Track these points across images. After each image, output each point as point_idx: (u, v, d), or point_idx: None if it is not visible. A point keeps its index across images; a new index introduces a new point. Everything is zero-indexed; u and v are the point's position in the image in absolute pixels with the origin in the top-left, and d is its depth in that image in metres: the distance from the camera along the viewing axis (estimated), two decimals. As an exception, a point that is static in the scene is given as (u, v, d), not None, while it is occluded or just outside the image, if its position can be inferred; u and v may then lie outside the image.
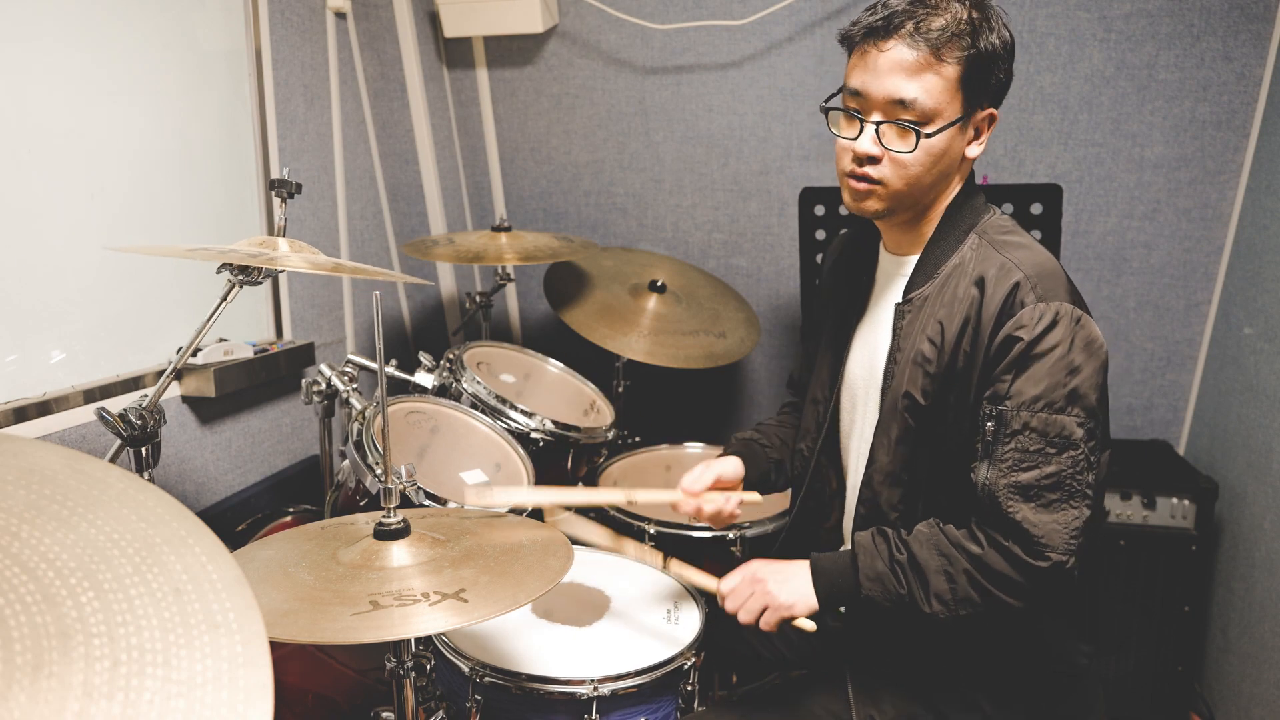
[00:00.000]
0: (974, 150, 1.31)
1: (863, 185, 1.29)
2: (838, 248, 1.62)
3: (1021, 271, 1.23)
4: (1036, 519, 1.19)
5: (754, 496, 1.55)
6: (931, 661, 1.35)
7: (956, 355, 1.26)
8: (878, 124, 1.25)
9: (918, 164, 1.25)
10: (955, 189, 1.34)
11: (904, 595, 1.25)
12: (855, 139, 1.27)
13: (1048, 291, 1.21)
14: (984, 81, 1.25)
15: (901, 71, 1.21)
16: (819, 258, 2.34)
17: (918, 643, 1.35)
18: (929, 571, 1.24)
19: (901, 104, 1.22)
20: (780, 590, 1.32)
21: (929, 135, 1.23)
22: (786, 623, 1.32)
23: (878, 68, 1.23)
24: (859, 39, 1.26)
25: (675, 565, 1.49)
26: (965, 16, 1.21)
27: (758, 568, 1.36)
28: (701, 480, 1.50)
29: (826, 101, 1.33)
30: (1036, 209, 2.08)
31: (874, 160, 1.26)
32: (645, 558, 1.53)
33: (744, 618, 1.34)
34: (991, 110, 1.29)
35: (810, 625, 1.33)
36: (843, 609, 1.43)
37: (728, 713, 1.43)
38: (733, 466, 1.55)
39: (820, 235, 2.32)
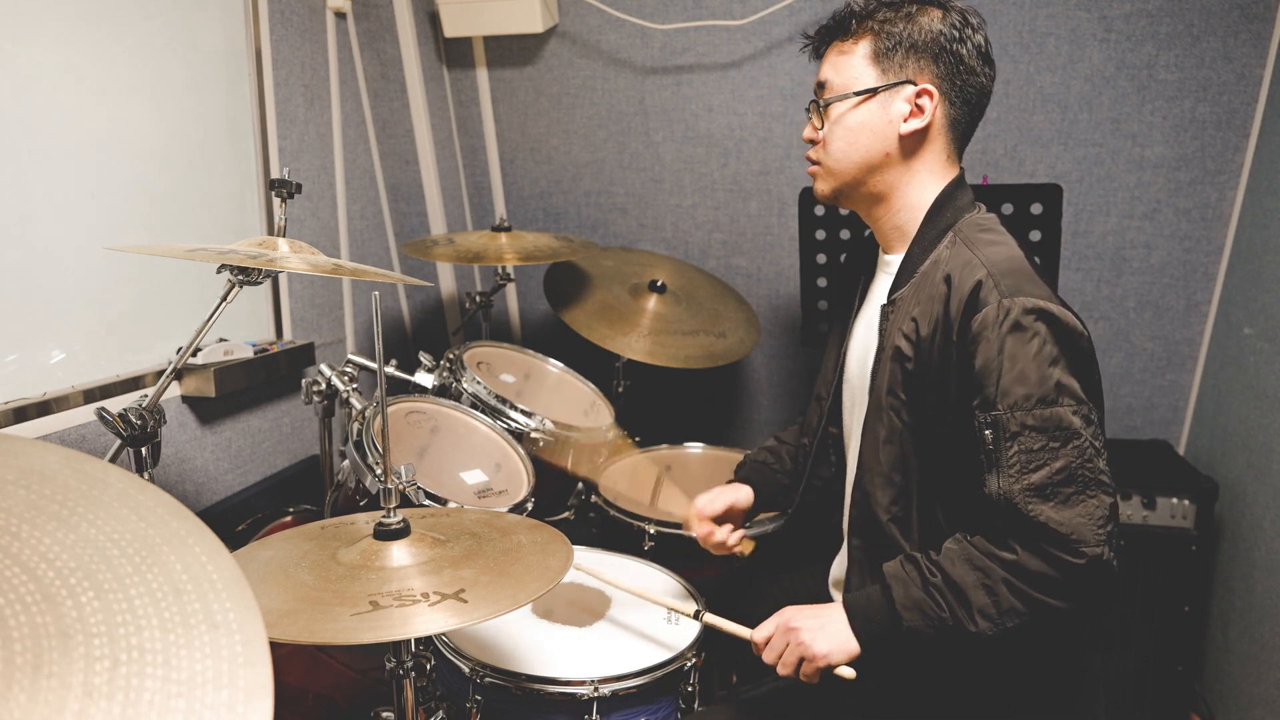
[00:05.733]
0: (909, 125, 1.31)
1: (809, 168, 1.43)
2: (851, 247, 1.64)
3: (985, 269, 1.22)
4: (1060, 516, 1.16)
5: (750, 546, 1.65)
6: (932, 663, 1.35)
7: (931, 352, 1.25)
8: (809, 108, 1.40)
9: (833, 137, 1.36)
10: (895, 166, 1.34)
11: (946, 619, 1.20)
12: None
13: (1010, 288, 1.19)
14: (904, 58, 1.30)
15: (825, 63, 1.39)
16: (819, 258, 2.34)
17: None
18: (967, 588, 1.19)
19: (821, 87, 1.38)
20: (815, 640, 1.27)
21: (827, 103, 1.35)
22: (827, 671, 1.28)
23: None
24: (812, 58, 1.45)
25: (708, 617, 1.47)
26: (883, 6, 1.32)
27: (790, 616, 1.32)
28: (713, 506, 1.60)
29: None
30: (1036, 209, 2.08)
31: (813, 143, 1.40)
32: (679, 608, 1.53)
33: (782, 671, 1.30)
34: (926, 88, 1.30)
35: (850, 673, 1.27)
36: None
37: (728, 713, 1.43)
38: (745, 496, 1.64)
39: (820, 235, 2.32)
